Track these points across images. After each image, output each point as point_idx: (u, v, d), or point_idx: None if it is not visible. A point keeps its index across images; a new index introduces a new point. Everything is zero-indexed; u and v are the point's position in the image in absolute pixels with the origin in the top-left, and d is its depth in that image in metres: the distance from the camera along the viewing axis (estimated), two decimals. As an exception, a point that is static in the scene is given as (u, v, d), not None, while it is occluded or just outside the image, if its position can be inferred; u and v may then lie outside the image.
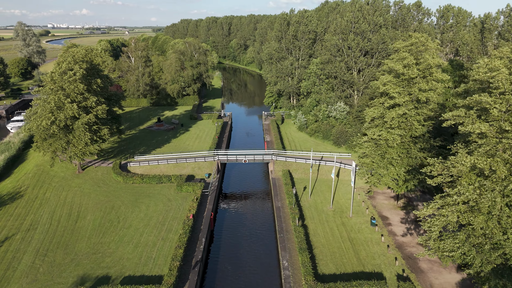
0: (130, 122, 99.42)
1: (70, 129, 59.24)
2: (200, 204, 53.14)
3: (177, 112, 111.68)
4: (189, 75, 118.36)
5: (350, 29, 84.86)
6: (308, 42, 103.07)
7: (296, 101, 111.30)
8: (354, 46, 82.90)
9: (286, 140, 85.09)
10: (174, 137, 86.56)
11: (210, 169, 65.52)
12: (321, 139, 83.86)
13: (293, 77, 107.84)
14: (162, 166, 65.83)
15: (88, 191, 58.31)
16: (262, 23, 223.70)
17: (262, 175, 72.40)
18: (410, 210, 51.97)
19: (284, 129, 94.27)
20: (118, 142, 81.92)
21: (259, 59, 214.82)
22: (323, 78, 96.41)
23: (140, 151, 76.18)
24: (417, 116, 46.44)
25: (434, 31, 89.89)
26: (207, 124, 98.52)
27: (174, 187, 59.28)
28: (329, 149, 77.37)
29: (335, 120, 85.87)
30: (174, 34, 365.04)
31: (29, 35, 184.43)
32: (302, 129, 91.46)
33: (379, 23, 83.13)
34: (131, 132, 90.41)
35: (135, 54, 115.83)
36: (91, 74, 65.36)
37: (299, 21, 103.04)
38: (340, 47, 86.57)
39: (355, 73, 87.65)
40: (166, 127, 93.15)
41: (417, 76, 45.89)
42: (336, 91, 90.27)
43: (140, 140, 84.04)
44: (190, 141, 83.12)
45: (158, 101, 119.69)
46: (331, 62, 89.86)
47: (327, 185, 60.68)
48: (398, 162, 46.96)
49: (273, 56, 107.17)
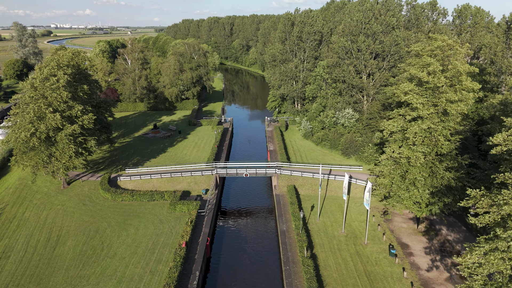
0: (125, 129, 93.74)
1: (53, 141, 53.52)
2: (195, 228, 47.25)
3: (175, 117, 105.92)
4: (188, 78, 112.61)
5: (360, 30, 78.78)
6: (313, 43, 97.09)
7: (300, 106, 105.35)
8: (364, 48, 76.85)
9: (291, 149, 79.12)
10: (170, 145, 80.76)
11: (208, 184, 59.63)
12: (328, 148, 77.84)
13: (297, 80, 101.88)
14: (155, 180, 60.01)
15: (71, 210, 52.55)
16: (265, 23, 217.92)
17: (264, 190, 66.34)
18: (433, 235, 45.88)
19: (288, 137, 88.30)
20: (110, 151, 76.20)
21: (261, 60, 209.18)
22: (330, 82, 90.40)
23: (133, 161, 70.45)
24: (443, 131, 40.40)
25: (450, 32, 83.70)
26: (207, 130, 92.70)
27: (167, 205, 53.44)
28: (337, 160, 71.35)
29: (343, 127, 79.82)
30: (175, 35, 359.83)
31: (26, 35, 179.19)
32: (307, 137, 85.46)
33: (392, 24, 77.02)
34: (125, 140, 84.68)
35: (132, 56, 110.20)
36: (78, 80, 59.71)
37: (304, 21, 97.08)
38: (348, 49, 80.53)
39: (364, 77, 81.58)
40: (162, 134, 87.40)
41: (444, 85, 39.85)
42: (344, 96, 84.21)
43: (134, 149, 78.30)
44: (187, 150, 77.30)
45: (155, 105, 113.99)
46: (339, 65, 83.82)
47: (337, 204, 54.64)
48: (421, 183, 40.91)
49: (276, 58, 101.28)
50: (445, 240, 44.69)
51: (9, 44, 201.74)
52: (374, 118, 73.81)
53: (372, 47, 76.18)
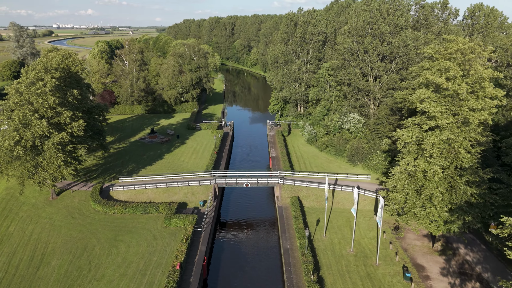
0: (121, 133, 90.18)
1: (39, 150, 49.95)
2: (191, 245, 43.60)
3: (173, 121, 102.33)
4: (187, 80, 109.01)
5: (367, 31, 74.98)
6: (317, 44, 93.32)
7: (303, 109, 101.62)
8: (371, 49, 73.05)
9: (294, 155, 75.40)
10: (168, 151, 77.15)
11: (206, 195, 55.96)
12: (334, 155, 74.07)
13: (300, 82, 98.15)
14: (150, 191, 56.37)
15: (59, 224, 48.95)
16: (266, 23, 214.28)
17: (266, 201, 62.53)
18: (451, 255, 42.11)
19: (291, 142, 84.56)
20: (105, 157, 72.65)
21: (263, 61, 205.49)
22: (334, 85, 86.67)
23: (128, 169, 66.87)
24: (464, 142, 36.62)
25: (462, 32, 79.85)
26: (206, 135, 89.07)
27: (162, 219, 49.79)
28: (343, 168, 67.60)
29: (349, 133, 76.05)
30: (176, 35, 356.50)
31: (23, 36, 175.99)
32: (311, 142, 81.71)
33: (401, 24, 73.17)
34: (121, 145, 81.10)
35: (129, 57, 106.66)
36: (68, 84, 56.14)
37: (307, 22, 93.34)
38: (354, 51, 76.74)
39: (371, 80, 77.80)
40: (160, 139, 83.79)
41: (465, 92, 36.09)
42: (350, 99, 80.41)
43: (130, 155, 74.70)
44: (185, 157, 73.66)
45: (154, 108, 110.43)
46: (344, 68, 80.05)
47: (345, 218, 50.88)
48: (439, 200, 37.14)
49: (278, 59, 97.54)
50: (464, 261, 40.94)
51: (7, 44, 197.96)
52: (382, 123, 70.05)
53: (379, 49, 72.38)
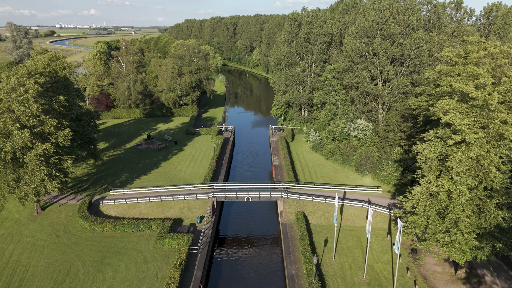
0: (116, 138, 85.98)
1: (21, 163, 45.74)
2: (185, 271, 39.26)
3: (172, 125, 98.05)
4: (186, 83, 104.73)
5: (376, 31, 70.44)
6: (322, 46, 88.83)
7: (308, 113, 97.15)
8: (381, 51, 68.56)
9: (298, 163, 70.94)
10: (165, 159, 72.86)
11: (203, 210, 51.59)
12: (340, 163, 69.57)
13: (304, 86, 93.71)
14: (143, 205, 52.05)
15: (42, 243, 44.70)
16: (269, 23, 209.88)
17: (269, 216, 57.79)
18: (476, 284, 37.57)
19: (295, 148, 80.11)
20: (97, 166, 68.44)
21: (265, 62, 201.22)
22: (339, 88, 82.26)
23: (121, 179, 62.64)
24: (495, 159, 32.10)
25: (477, 33, 75.19)
26: (206, 141, 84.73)
27: (154, 237, 45.47)
28: (351, 179, 63.15)
29: (357, 140, 71.52)
30: (177, 35, 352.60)
31: (20, 36, 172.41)
32: (316, 149, 77.22)
33: (412, 25, 68.60)
34: (115, 152, 76.89)
35: (126, 59, 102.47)
36: (55, 90, 51.92)
37: (312, 22, 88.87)
38: (363, 53, 72.24)
39: (379, 84, 73.27)
40: (156, 146, 79.51)
41: (496, 102, 31.56)
42: (357, 104, 75.87)
43: (124, 163, 70.47)
44: (183, 165, 69.34)
45: (152, 111, 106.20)
46: (352, 70, 75.58)
47: (355, 237, 46.40)
48: (465, 225, 32.63)
49: (282, 61, 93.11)
50: (491, 291, 36.44)
51: (3, 45, 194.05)
52: (393, 130, 65.53)
53: (389, 51, 67.87)
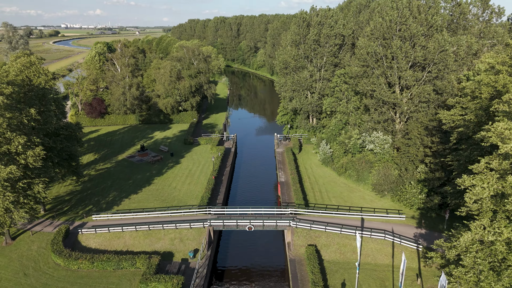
0: (108, 149, 79.08)
1: (-19, 188, 38.81)
2: (172, 328, 32.08)
3: (169, 133, 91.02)
4: (186, 87, 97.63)
5: (394, 32, 62.84)
6: (333, 48, 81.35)
7: (316, 121, 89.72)
8: (401, 55, 61.06)
9: (307, 180, 63.57)
10: (159, 173, 65.83)
11: (198, 241, 44.36)
12: (355, 180, 62.11)
13: (313, 91, 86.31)
14: (128, 235, 44.93)
15: (5, 285, 37.73)
16: (274, 23, 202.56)
17: (275, 246, 49.57)
18: None
19: (303, 162, 72.70)
20: (83, 182, 61.57)
21: (270, 63, 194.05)
22: (350, 95, 74.92)
23: (108, 199, 55.67)
24: None
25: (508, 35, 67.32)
26: (205, 152, 77.59)
27: (139, 277, 38.33)
28: (368, 200, 55.70)
29: (373, 154, 63.99)
30: (181, 35, 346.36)
31: (16, 37, 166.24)
32: (326, 163, 69.77)
33: (436, 25, 60.99)
34: (105, 165, 69.96)
35: (121, 62, 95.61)
36: (28, 100, 44.97)
37: (321, 22, 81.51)
38: (379, 56, 64.72)
39: (397, 91, 65.73)
40: (151, 158, 72.46)
41: None
42: (373, 113, 68.27)
43: (113, 178, 63.51)
44: (178, 182, 62.23)
45: (148, 118, 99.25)
46: (367, 76, 68.08)
47: (378, 280, 38.84)
48: (531, 286, 25.11)
49: (288, 65, 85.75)
50: None
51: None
52: (414, 144, 57.95)
53: (411, 54, 60.34)
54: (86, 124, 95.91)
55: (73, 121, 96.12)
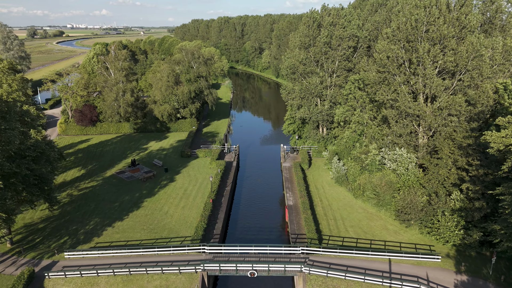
0: (97, 163, 71.38)
1: None
2: None
3: (166, 143, 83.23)
4: (184, 93, 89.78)
5: (420, 34, 54.47)
6: (346, 51, 73.06)
7: (326, 131, 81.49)
8: (428, 60, 52.74)
9: (319, 204, 55.40)
10: (150, 194, 58.03)
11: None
12: (374, 205, 53.84)
13: (324, 99, 78.12)
14: (104, 281, 36.98)
15: None
16: (279, 23, 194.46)
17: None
18: None
19: (314, 179, 64.51)
20: (62, 206, 53.92)
21: (275, 65, 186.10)
22: (363, 102, 66.82)
23: (88, 228, 47.94)
24: None
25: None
26: (203, 166, 69.67)
27: None
28: (391, 230, 47.48)
29: (395, 173, 55.59)
30: (184, 36, 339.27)
31: (11, 38, 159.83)
32: (341, 182, 61.54)
33: (471, 26, 52.54)
34: (91, 182, 62.27)
35: (114, 65, 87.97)
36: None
37: (333, 22, 73.31)
38: (402, 61, 56.46)
39: (421, 100, 57.38)
40: (142, 175, 64.66)
41: None
42: (393, 126, 59.89)
43: (98, 200, 55.80)
44: (171, 205, 54.35)
45: (144, 126, 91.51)
46: (387, 84, 59.81)
47: None
48: None
49: (296, 69, 77.60)
50: None
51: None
52: (446, 166, 49.51)
53: (440, 59, 51.98)
54: (76, 133, 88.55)
55: (62, 129, 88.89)
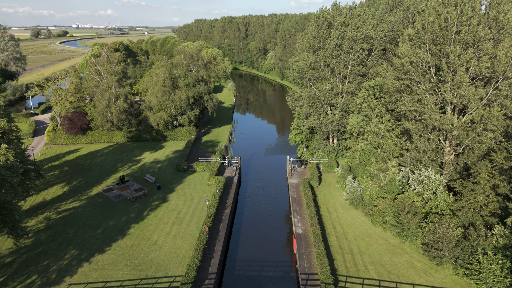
0: (83, 178, 64.44)
1: None
2: None
3: (161, 155, 76.15)
4: (182, 99, 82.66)
5: (450, 36, 46.85)
6: (361, 55, 65.55)
7: (337, 142, 74.05)
8: (460, 66, 45.17)
9: (332, 233, 47.98)
10: (138, 218, 50.93)
11: None
12: (397, 236, 46.29)
13: (335, 107, 70.71)
14: None
15: None
16: (285, 23, 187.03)
17: None
18: None
19: (325, 201, 57.06)
20: (37, 233, 46.98)
21: (280, 67, 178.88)
22: (381, 112, 59.40)
23: (62, 263, 40.89)
24: None
25: None
26: (200, 183, 62.49)
27: None
28: (419, 268, 40.03)
29: (420, 197, 47.94)
30: (186, 36, 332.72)
31: (5, 38, 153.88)
32: (356, 205, 54.04)
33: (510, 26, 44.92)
34: (73, 203, 55.28)
35: (105, 69, 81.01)
36: None
37: (346, 22, 65.85)
38: (427, 67, 48.93)
39: (449, 112, 49.83)
40: (131, 193, 57.54)
41: None
42: (417, 141, 52.27)
43: (78, 226, 48.79)
44: (161, 233, 47.17)
45: (139, 134, 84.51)
46: (409, 92, 52.32)
47: None
48: None
49: (304, 74, 70.19)
50: None
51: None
52: (484, 191, 41.90)
53: (475, 65, 44.41)
54: (65, 142, 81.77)
55: (50, 138, 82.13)
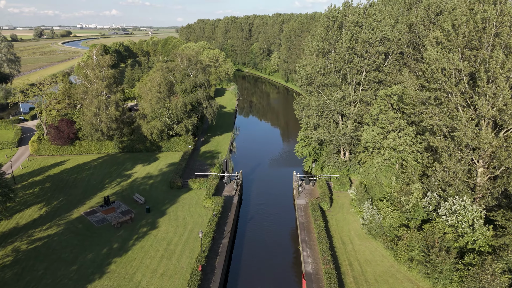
0: (65, 197, 57.55)
1: None
2: None
3: (154, 168, 69.14)
4: (178, 106, 75.64)
5: (488, 39, 39.44)
6: (377, 59, 58.17)
7: (349, 155, 66.75)
8: (500, 75, 37.81)
9: (348, 272, 40.79)
10: (121, 249, 43.92)
11: None
12: (427, 277, 38.89)
13: (347, 117, 63.40)
14: None
15: None
16: (289, 23, 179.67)
17: None
18: None
19: (338, 228, 49.72)
20: (2, 269, 40.10)
21: (285, 68, 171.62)
22: (400, 126, 52.11)
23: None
24: None
25: None
26: (196, 204, 55.41)
27: None
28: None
29: (453, 229, 40.49)
30: (189, 37, 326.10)
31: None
32: (375, 235, 46.64)
33: None
34: (49, 230, 48.34)
35: (94, 74, 74.15)
36: None
37: (359, 23, 58.56)
38: (461, 76, 41.54)
39: (483, 128, 42.38)
40: (116, 218, 50.53)
41: None
42: (446, 160, 44.81)
43: (51, 260, 41.82)
44: (146, 272, 40.10)
45: (131, 144, 77.56)
46: (438, 105, 44.93)
47: None
48: None
49: (313, 80, 62.91)
50: None
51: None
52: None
53: (521, 75, 37.01)
54: (51, 153, 75.00)
55: (35, 149, 75.39)
